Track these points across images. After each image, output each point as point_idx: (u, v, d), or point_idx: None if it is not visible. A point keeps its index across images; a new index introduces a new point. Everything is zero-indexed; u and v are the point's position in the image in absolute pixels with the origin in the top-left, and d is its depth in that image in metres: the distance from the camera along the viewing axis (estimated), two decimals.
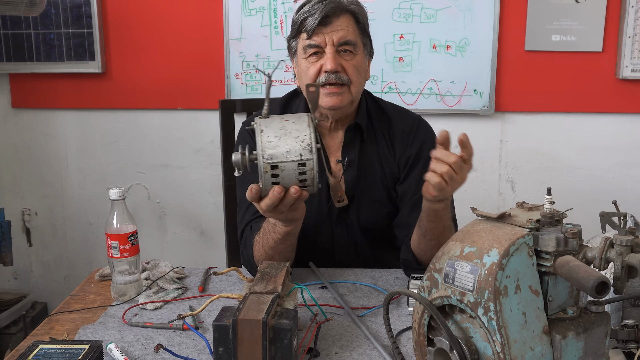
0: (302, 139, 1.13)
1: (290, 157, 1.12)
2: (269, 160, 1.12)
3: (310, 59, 1.46)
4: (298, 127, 1.14)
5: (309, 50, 1.45)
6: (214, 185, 2.90)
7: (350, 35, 1.45)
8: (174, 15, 2.77)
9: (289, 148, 1.12)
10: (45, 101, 2.89)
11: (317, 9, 1.42)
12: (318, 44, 1.44)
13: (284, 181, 1.15)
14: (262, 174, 1.13)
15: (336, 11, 1.44)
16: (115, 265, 1.36)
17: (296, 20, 1.47)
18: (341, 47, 1.45)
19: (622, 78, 2.67)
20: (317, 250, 1.58)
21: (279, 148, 1.12)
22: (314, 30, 1.43)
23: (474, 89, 2.72)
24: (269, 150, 1.12)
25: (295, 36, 1.49)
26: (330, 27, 1.43)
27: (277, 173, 1.13)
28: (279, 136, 1.13)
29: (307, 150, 1.13)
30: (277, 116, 1.19)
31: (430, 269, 0.90)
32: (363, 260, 1.60)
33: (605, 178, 2.82)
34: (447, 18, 2.67)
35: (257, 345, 0.99)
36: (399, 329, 1.22)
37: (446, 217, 1.33)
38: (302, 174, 1.14)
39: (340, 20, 1.44)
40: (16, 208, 3.01)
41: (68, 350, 1.03)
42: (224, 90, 2.78)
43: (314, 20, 1.42)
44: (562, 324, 0.86)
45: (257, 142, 1.13)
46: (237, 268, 1.40)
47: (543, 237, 0.85)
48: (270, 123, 1.15)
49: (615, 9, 2.64)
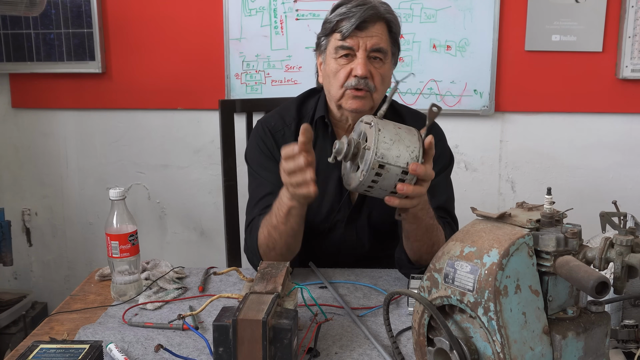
0: (412, 149, 1.18)
1: (398, 163, 1.17)
2: (380, 160, 1.17)
3: (340, 60, 1.47)
4: (410, 139, 1.19)
5: (340, 51, 1.47)
6: (214, 185, 2.90)
7: (382, 43, 1.47)
8: (174, 15, 2.77)
9: (400, 154, 1.17)
10: (45, 101, 2.89)
11: (355, 13, 1.44)
12: (351, 46, 1.45)
13: (383, 182, 1.19)
14: (369, 169, 1.17)
15: (373, 18, 1.45)
16: (115, 265, 1.36)
17: (331, 20, 1.49)
18: (372, 54, 1.46)
19: (622, 78, 2.67)
20: (324, 250, 1.59)
21: (391, 151, 1.17)
22: (350, 33, 1.44)
23: (474, 89, 2.72)
24: (382, 149, 1.17)
25: (327, 35, 1.51)
26: (366, 32, 1.45)
27: (381, 173, 1.18)
28: (393, 140, 1.18)
29: (414, 161, 1.18)
30: (391, 121, 1.23)
31: (430, 269, 0.90)
32: (367, 260, 1.60)
33: (605, 178, 2.82)
34: (447, 18, 2.67)
35: (257, 345, 0.99)
36: (399, 329, 1.22)
37: (426, 218, 1.33)
38: (401, 180, 1.19)
39: (375, 27, 1.46)
40: (16, 208, 3.01)
41: (68, 350, 1.03)
42: (224, 90, 2.78)
43: (351, 23, 1.43)
44: (562, 324, 0.86)
45: (372, 139, 1.17)
46: (237, 268, 1.40)
47: (543, 237, 0.85)
48: (386, 125, 1.20)
49: (615, 9, 2.64)
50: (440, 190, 1.53)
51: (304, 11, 2.71)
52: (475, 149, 2.81)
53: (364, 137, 1.22)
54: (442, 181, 1.56)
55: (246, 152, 1.64)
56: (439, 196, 1.51)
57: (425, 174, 1.19)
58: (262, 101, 2.00)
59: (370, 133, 1.19)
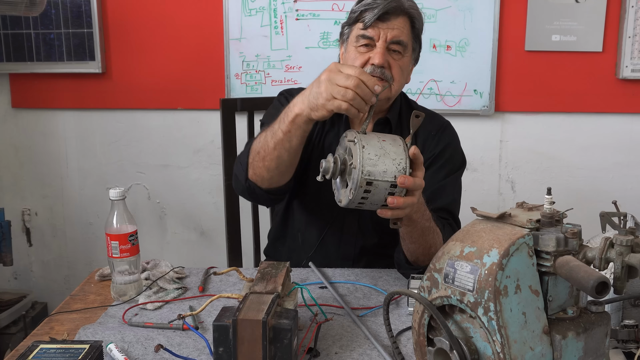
0: (398, 162, 1.19)
1: (385, 178, 1.18)
2: (367, 177, 1.18)
3: (360, 49, 1.49)
4: (395, 150, 1.20)
5: (361, 40, 1.49)
6: (214, 185, 2.90)
7: (403, 36, 1.49)
8: (174, 15, 2.77)
9: (386, 169, 1.18)
10: (45, 101, 2.89)
11: (379, 4, 1.46)
12: (372, 36, 1.47)
13: (373, 197, 1.20)
14: (357, 187, 1.18)
15: (396, 10, 1.48)
16: (115, 265, 1.36)
17: (356, 10, 1.51)
18: (392, 46, 1.48)
19: (622, 78, 2.67)
20: (323, 242, 1.60)
21: (378, 167, 1.18)
22: (372, 23, 1.47)
23: (474, 89, 2.72)
24: (368, 167, 1.17)
25: (351, 24, 1.53)
26: (387, 24, 1.47)
27: (369, 189, 1.19)
28: (378, 155, 1.19)
29: (401, 173, 1.19)
30: (374, 134, 1.23)
31: (430, 269, 0.90)
32: (369, 255, 1.61)
33: (605, 178, 2.82)
34: (447, 18, 2.67)
35: (257, 345, 0.99)
36: (399, 329, 1.22)
37: (422, 220, 1.33)
38: (391, 194, 1.20)
39: (398, 20, 1.48)
40: (16, 208, 3.01)
41: (68, 350, 1.03)
42: (224, 90, 2.78)
43: (374, 14, 1.46)
44: (562, 324, 0.86)
45: (357, 157, 1.18)
46: (237, 268, 1.40)
47: (543, 237, 0.85)
48: (370, 140, 1.21)
49: (615, 9, 2.64)
50: (446, 192, 1.54)
51: (304, 11, 2.71)
52: (475, 149, 2.80)
53: (349, 152, 1.22)
54: (449, 183, 1.56)
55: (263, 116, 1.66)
56: (444, 198, 1.52)
57: (414, 184, 1.19)
58: (263, 100, 1.99)
59: (355, 150, 1.19)
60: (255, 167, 1.44)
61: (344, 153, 1.24)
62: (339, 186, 1.27)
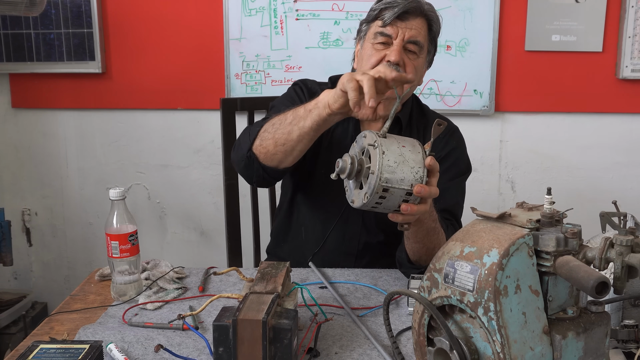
0: (416, 170, 1.19)
1: (402, 185, 1.18)
2: (385, 184, 1.17)
3: (377, 46, 1.51)
4: (414, 158, 1.20)
5: (379, 37, 1.50)
6: (214, 185, 2.90)
7: (420, 37, 1.51)
8: (174, 15, 2.77)
9: (404, 177, 1.18)
10: (45, 101, 2.89)
11: (399, 3, 1.49)
12: (390, 34, 1.49)
13: (387, 203, 1.20)
14: (373, 192, 1.18)
15: (415, 11, 1.50)
16: (115, 265, 1.36)
17: (375, 8, 1.53)
18: (408, 45, 1.50)
19: (622, 78, 2.67)
20: (327, 237, 1.60)
21: (396, 174, 1.18)
22: (390, 22, 1.48)
23: (474, 89, 2.72)
24: (386, 174, 1.17)
25: (369, 22, 1.55)
26: (406, 23, 1.49)
27: (385, 195, 1.19)
28: (397, 162, 1.18)
29: (418, 182, 1.19)
30: (394, 138, 1.22)
31: (430, 269, 0.90)
32: (372, 253, 1.61)
33: (605, 178, 2.82)
34: (447, 18, 2.67)
35: (257, 345, 0.99)
36: (399, 329, 1.22)
37: (428, 221, 1.33)
38: (405, 201, 1.20)
39: (416, 20, 1.51)
40: (16, 208, 3.01)
41: (68, 350, 1.03)
42: (224, 90, 2.78)
43: (394, 12, 1.48)
44: (562, 324, 0.86)
45: (376, 162, 1.17)
46: (237, 268, 1.40)
47: (543, 237, 0.85)
48: (390, 146, 1.20)
49: (615, 9, 2.64)
50: (450, 194, 1.54)
51: (304, 11, 2.71)
52: (475, 149, 2.79)
53: (367, 154, 1.21)
54: (453, 186, 1.57)
55: (274, 101, 1.66)
56: (447, 199, 1.51)
57: (430, 194, 1.19)
58: (263, 99, 1.99)
59: (374, 154, 1.19)
60: (264, 138, 1.43)
61: (360, 154, 1.23)
62: (352, 186, 1.26)
